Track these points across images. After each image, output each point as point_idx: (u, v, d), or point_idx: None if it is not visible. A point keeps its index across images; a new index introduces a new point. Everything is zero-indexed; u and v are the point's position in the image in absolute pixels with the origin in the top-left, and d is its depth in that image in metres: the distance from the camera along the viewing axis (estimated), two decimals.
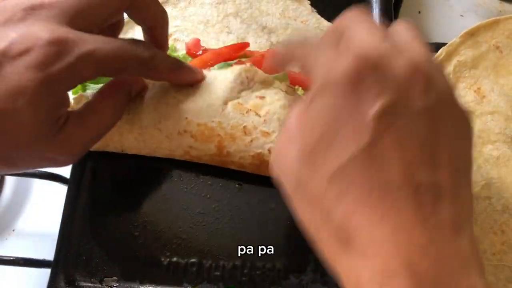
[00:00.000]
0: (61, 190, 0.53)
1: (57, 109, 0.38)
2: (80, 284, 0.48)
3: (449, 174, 0.29)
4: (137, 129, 0.50)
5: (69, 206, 0.51)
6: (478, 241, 0.45)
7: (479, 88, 0.49)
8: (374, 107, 0.28)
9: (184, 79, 0.47)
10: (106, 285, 0.47)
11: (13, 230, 0.58)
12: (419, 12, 0.65)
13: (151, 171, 0.52)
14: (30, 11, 0.36)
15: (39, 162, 0.41)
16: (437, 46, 0.52)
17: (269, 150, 0.47)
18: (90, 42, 0.37)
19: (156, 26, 0.45)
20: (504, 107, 0.48)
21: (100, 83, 0.49)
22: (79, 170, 0.52)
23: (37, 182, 0.60)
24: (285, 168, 0.34)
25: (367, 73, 0.29)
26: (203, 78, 0.48)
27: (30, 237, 0.58)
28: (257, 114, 0.48)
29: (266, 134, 0.48)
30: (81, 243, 0.49)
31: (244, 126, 0.47)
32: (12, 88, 0.34)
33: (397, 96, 0.28)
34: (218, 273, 0.47)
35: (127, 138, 0.50)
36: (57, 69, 0.35)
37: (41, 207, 0.59)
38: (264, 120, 0.47)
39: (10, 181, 0.61)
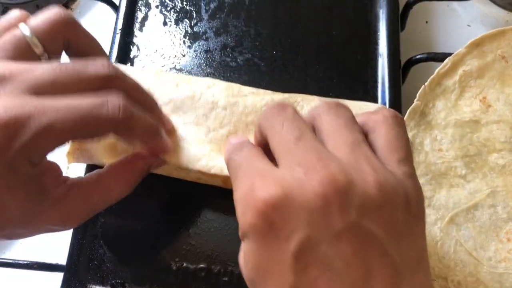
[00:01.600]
0: None
1: (38, 182, 0.36)
2: None
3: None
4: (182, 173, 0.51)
5: None
6: (483, 249, 0.45)
7: (484, 98, 0.50)
8: (290, 247, 0.27)
9: (157, 146, 0.44)
10: None
11: None
12: (426, 22, 0.66)
13: (161, 179, 0.53)
14: None
15: (39, 231, 0.40)
16: (444, 56, 0.52)
17: None
18: (50, 113, 0.34)
19: (149, 109, 0.42)
20: (509, 116, 0.48)
21: None
22: None
23: None
24: None
25: (273, 212, 0.28)
26: (171, 148, 0.45)
27: (44, 242, 0.59)
28: None
29: None
30: (93, 248, 0.50)
31: None
32: None
33: (311, 228, 0.27)
34: (226, 279, 0.48)
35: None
36: (14, 152, 0.33)
37: None
38: None
39: None
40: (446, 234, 0.46)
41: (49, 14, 0.40)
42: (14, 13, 0.40)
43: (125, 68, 0.52)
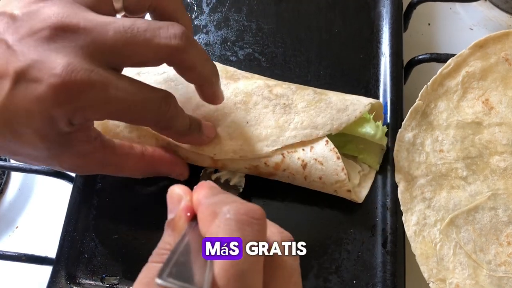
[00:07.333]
0: (65, 188, 0.53)
1: (68, 137, 0.38)
2: (81, 281, 0.48)
3: None
4: (136, 137, 0.50)
5: (74, 205, 0.51)
6: (482, 252, 0.44)
7: (487, 99, 0.49)
8: None
9: (190, 142, 0.46)
10: (107, 284, 0.47)
11: (17, 227, 0.58)
12: (429, 24, 0.65)
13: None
14: (59, 33, 0.34)
15: (48, 167, 0.44)
16: (446, 57, 0.52)
17: (265, 163, 0.48)
18: (110, 89, 0.35)
19: (204, 85, 0.42)
20: None
21: None
22: None
23: (42, 179, 0.60)
24: None
25: None
26: (210, 139, 0.47)
27: (33, 235, 0.57)
28: None
29: None
30: (84, 241, 0.49)
31: None
32: (21, 113, 0.34)
33: None
34: None
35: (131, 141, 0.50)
36: (63, 111, 0.35)
37: (45, 205, 0.59)
38: None
39: (15, 178, 0.61)
40: (446, 236, 0.45)
41: None
42: None
43: None
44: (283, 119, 0.47)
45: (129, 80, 0.37)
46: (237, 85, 0.49)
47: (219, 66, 0.51)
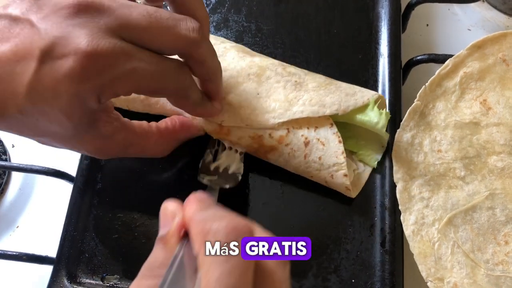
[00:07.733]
0: (66, 188, 0.54)
1: (93, 116, 0.38)
2: (82, 281, 0.48)
3: None
4: (146, 107, 0.51)
5: (74, 204, 0.51)
6: (480, 251, 0.45)
7: (485, 100, 0.49)
8: None
9: (202, 114, 0.48)
10: (108, 283, 0.48)
11: (17, 227, 0.58)
12: (427, 25, 0.65)
13: (154, 172, 0.52)
14: (83, 11, 0.35)
15: (70, 149, 0.42)
16: (444, 57, 0.52)
17: (270, 135, 0.48)
18: (134, 60, 0.36)
19: (210, 80, 0.44)
20: (509, 119, 0.48)
21: None
22: (86, 170, 0.52)
23: (42, 179, 0.60)
24: None
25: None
26: (219, 111, 0.48)
27: (34, 234, 0.58)
28: None
29: None
30: (85, 240, 0.50)
31: None
32: (49, 92, 0.35)
33: None
34: None
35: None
36: (91, 85, 0.35)
37: (46, 204, 0.59)
38: None
39: (15, 178, 0.61)
40: (444, 236, 0.45)
41: None
42: None
43: None
44: (293, 95, 0.48)
45: (148, 52, 0.38)
46: (253, 59, 0.51)
47: (238, 44, 0.53)
